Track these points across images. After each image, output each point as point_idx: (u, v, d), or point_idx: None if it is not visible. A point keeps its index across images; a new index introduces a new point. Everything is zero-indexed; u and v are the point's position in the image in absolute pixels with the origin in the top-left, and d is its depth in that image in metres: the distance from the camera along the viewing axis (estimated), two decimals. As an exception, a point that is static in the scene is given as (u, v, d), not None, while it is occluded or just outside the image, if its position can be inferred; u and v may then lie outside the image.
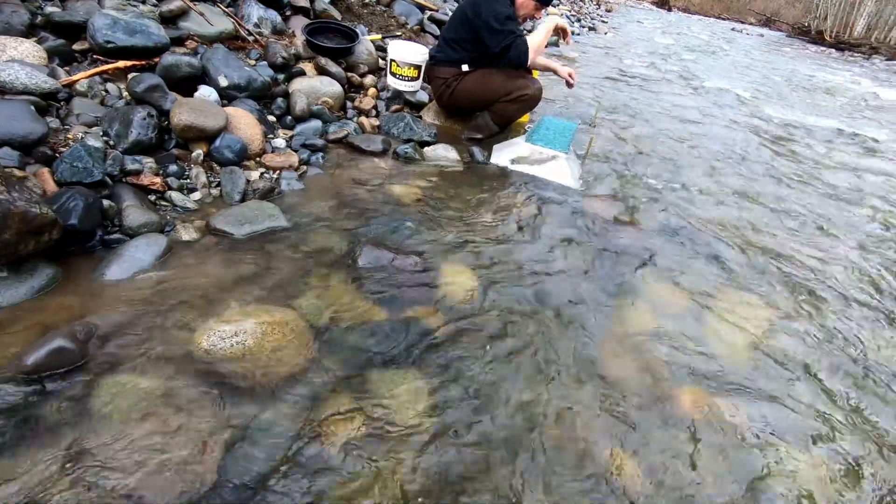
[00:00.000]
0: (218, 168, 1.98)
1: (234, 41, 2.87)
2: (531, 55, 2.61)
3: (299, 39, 3.02)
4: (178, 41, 2.59)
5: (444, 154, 2.63)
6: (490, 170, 2.63)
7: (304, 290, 1.53)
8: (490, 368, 1.40)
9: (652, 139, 3.59)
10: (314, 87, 2.75)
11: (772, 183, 3.15)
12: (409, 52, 3.06)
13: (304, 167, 2.19)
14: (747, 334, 1.75)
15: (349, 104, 2.93)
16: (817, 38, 14.49)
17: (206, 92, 2.18)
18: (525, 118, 3.49)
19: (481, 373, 1.38)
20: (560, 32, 2.83)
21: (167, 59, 2.13)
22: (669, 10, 19.76)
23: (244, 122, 2.11)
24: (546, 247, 2.03)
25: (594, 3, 13.74)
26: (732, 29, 16.09)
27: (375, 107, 2.96)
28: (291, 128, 2.51)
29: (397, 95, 3.08)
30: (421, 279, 1.68)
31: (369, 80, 3.12)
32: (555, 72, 3.11)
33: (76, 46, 2.12)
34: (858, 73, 9.36)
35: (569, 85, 3.11)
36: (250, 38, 2.90)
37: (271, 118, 2.50)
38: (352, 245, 1.77)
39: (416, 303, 1.57)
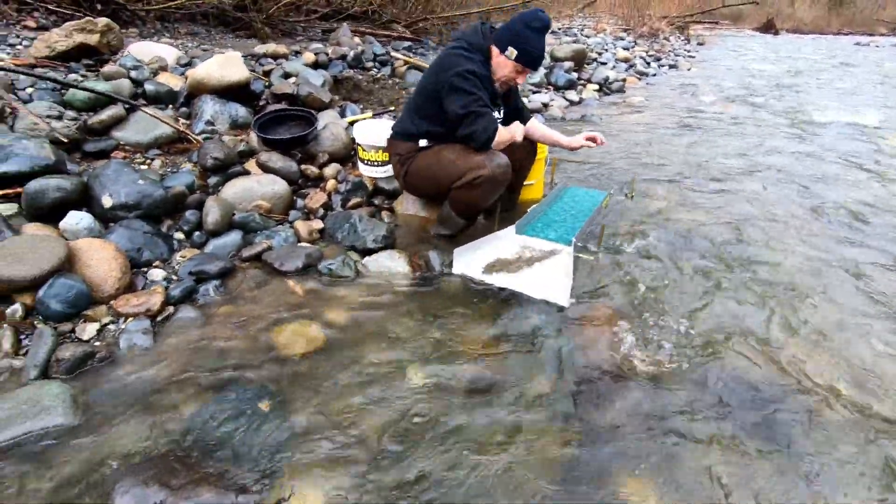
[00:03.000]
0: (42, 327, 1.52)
1: (176, 144, 2.56)
2: (498, 140, 1.94)
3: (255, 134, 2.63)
4: (102, 154, 2.31)
5: (388, 265, 1.97)
6: (448, 285, 1.90)
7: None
8: None
9: (713, 212, 2.61)
10: (249, 188, 2.29)
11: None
12: (373, 133, 2.52)
13: (171, 308, 1.66)
14: None
15: (300, 202, 2.43)
16: (978, 39, 11.81)
17: (73, 220, 1.78)
18: (538, 191, 2.73)
19: None
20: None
21: (31, 185, 1.79)
22: (776, 33, 17.62)
23: (98, 257, 1.65)
24: (486, 439, 1.25)
25: (683, 38, 12.59)
26: (857, 44, 13.78)
27: (327, 204, 2.42)
28: (202, 245, 2.04)
29: (360, 186, 2.52)
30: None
31: (330, 170, 2.61)
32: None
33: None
34: None
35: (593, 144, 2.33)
36: (193, 140, 2.57)
37: (179, 236, 2.05)
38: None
39: None
